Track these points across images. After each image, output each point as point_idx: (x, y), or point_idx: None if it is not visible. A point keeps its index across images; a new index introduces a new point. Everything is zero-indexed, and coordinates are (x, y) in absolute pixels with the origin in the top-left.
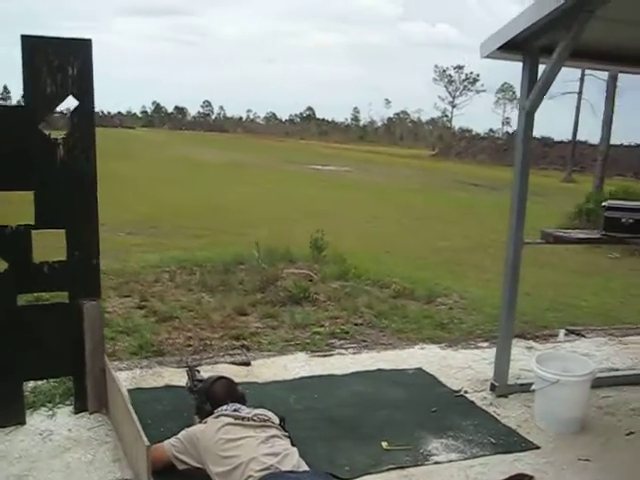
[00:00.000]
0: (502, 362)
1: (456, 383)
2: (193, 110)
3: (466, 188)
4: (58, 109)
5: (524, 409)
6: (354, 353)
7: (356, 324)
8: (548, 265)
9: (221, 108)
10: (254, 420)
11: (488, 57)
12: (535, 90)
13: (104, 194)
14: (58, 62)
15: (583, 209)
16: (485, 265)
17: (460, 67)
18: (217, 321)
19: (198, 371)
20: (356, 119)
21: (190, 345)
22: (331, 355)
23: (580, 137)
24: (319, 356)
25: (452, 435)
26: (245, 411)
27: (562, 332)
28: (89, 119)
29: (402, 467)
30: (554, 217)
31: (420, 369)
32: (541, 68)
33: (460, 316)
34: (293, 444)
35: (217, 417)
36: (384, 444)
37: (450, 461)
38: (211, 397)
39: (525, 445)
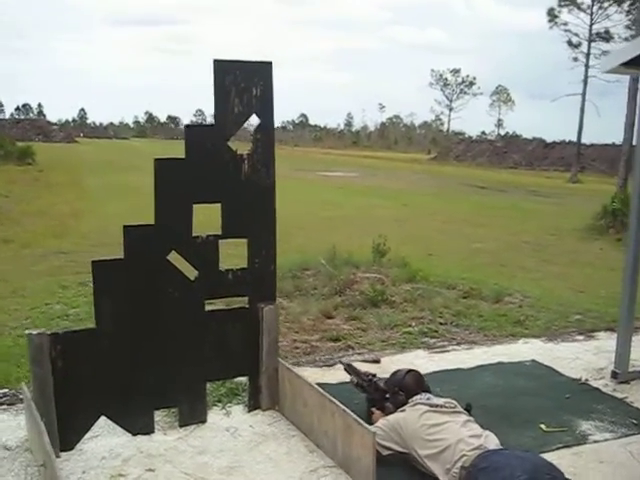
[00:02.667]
0: (623, 351)
1: (573, 372)
2: (186, 119)
3: (475, 191)
4: None
5: None
6: (467, 349)
7: (440, 323)
8: (589, 264)
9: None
10: (446, 407)
11: (609, 72)
12: None
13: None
14: (245, 84)
15: (609, 209)
16: (528, 266)
17: (456, 70)
18: (308, 324)
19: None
20: (349, 124)
21: (297, 347)
22: (447, 351)
23: (571, 137)
24: (437, 352)
25: (595, 417)
26: (435, 399)
27: None
28: (270, 136)
29: (568, 446)
30: (575, 217)
31: (535, 361)
32: None
33: (531, 313)
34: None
35: (414, 405)
36: (543, 426)
37: (607, 440)
38: (405, 388)
39: None
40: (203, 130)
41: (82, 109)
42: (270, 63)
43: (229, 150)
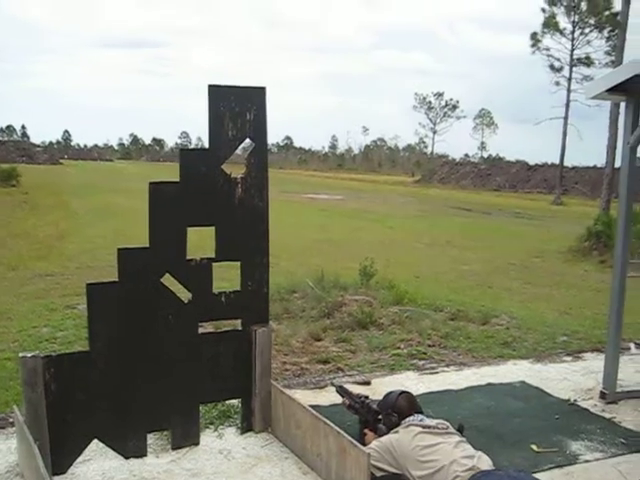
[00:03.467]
0: (611, 371)
1: (562, 393)
2: (171, 141)
3: (461, 213)
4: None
5: (636, 413)
6: (456, 370)
7: (429, 345)
8: (574, 286)
9: (199, 139)
10: (438, 428)
11: (594, 98)
12: None
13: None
14: (239, 108)
15: (593, 231)
16: (514, 288)
17: (440, 94)
18: (297, 347)
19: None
20: (333, 147)
21: (287, 370)
22: (437, 373)
23: (554, 160)
24: (427, 374)
25: (585, 437)
26: (427, 421)
27: (633, 345)
28: (263, 159)
29: (560, 466)
30: (559, 239)
31: (524, 382)
32: None
33: (518, 335)
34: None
35: (407, 427)
36: (534, 447)
37: (597, 460)
38: (397, 409)
39: None
40: (198, 154)
41: (66, 131)
42: (263, 88)
43: (223, 174)
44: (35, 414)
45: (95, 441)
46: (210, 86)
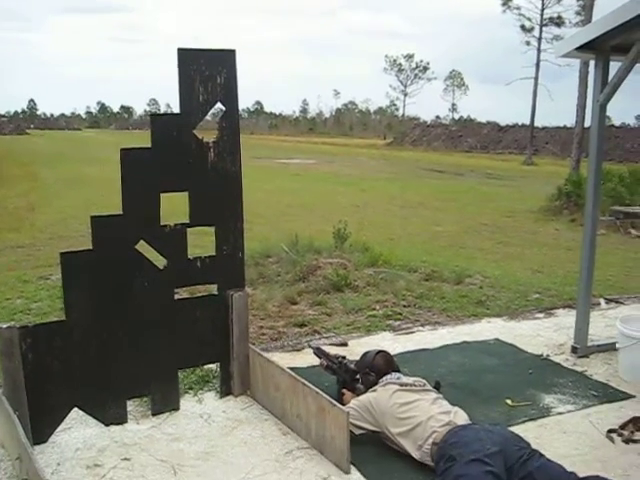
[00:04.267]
0: (582, 326)
1: (535, 349)
2: (140, 109)
3: (433, 175)
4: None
5: (607, 366)
6: (431, 330)
7: (404, 306)
8: (546, 245)
9: (168, 106)
10: (416, 386)
11: (564, 56)
12: (610, 85)
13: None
14: (209, 72)
15: (563, 190)
16: (486, 247)
17: (410, 56)
18: (274, 311)
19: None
20: (304, 111)
21: (264, 334)
22: (413, 333)
23: (524, 121)
24: (403, 334)
25: (558, 391)
26: (404, 379)
27: (602, 301)
28: (235, 123)
29: (533, 419)
30: (531, 199)
31: (498, 339)
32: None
33: (492, 293)
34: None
35: (384, 385)
36: (508, 401)
37: (569, 411)
38: (375, 368)
39: (622, 395)
40: (169, 119)
41: (31, 100)
42: (233, 51)
43: (195, 138)
44: (13, 385)
45: (75, 409)
46: (179, 49)
